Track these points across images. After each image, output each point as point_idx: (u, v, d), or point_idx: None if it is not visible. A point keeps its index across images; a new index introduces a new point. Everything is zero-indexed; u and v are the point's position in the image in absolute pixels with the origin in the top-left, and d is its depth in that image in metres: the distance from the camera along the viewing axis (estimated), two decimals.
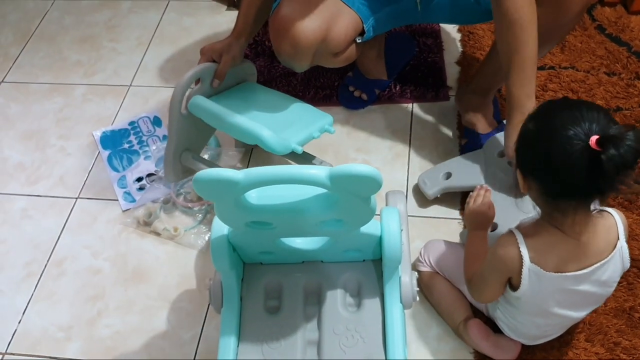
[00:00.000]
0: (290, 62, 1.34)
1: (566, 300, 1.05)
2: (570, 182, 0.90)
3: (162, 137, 1.70)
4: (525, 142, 0.96)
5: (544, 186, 0.95)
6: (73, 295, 1.42)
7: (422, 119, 1.66)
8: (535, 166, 0.94)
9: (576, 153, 0.86)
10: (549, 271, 0.99)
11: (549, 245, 0.99)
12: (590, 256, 1.00)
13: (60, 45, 2.03)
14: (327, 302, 1.12)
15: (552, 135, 0.89)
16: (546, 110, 0.95)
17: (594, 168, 0.85)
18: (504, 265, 1.03)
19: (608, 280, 1.04)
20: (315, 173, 0.84)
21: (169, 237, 1.48)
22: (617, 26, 1.81)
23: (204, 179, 0.83)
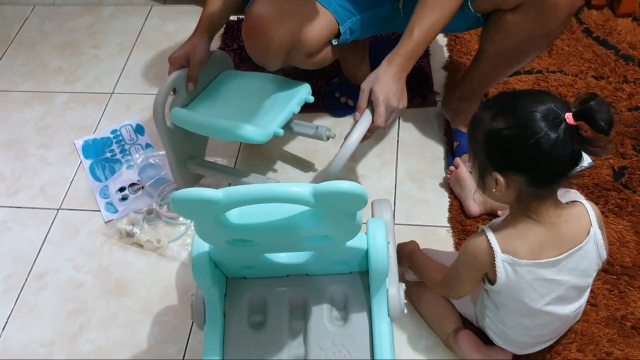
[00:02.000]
0: (262, 60, 1.32)
1: (548, 293, 1.03)
2: (559, 163, 0.92)
3: (144, 146, 1.67)
4: (500, 143, 0.94)
5: (530, 177, 0.95)
6: (54, 309, 1.39)
7: (409, 125, 1.64)
8: (519, 162, 0.94)
9: (560, 134, 0.89)
10: (523, 259, 0.99)
11: (520, 233, 1.00)
12: (565, 242, 1.00)
13: (41, 51, 1.99)
14: (313, 316, 1.10)
15: (530, 126, 0.90)
16: (506, 106, 0.95)
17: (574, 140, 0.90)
18: (476, 260, 1.03)
19: (587, 269, 1.04)
20: (298, 191, 0.81)
21: (152, 249, 1.45)
22: (604, 29, 1.80)
23: (182, 198, 0.80)
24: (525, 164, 0.94)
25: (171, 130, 1.37)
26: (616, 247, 1.33)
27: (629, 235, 1.36)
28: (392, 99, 1.21)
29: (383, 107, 1.21)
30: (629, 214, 1.39)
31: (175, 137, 1.39)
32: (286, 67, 1.40)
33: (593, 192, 1.43)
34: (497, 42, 1.32)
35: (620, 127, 1.56)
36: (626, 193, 1.43)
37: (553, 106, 0.90)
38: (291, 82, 1.41)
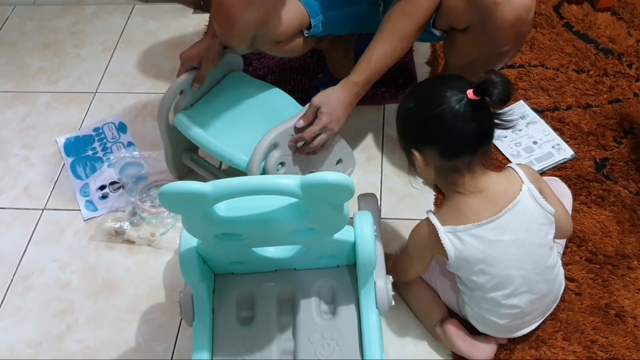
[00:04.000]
0: (227, 41, 1.31)
1: (503, 256, 1.06)
2: (464, 134, 0.99)
3: (126, 144, 1.66)
4: (411, 119, 1.04)
5: (441, 149, 1.02)
6: (41, 310, 1.38)
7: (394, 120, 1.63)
8: (428, 134, 1.02)
9: (462, 107, 0.97)
10: (462, 226, 1.04)
11: (453, 207, 1.06)
12: (497, 202, 1.05)
13: (22, 52, 1.97)
14: (302, 310, 1.10)
15: (435, 101, 0.99)
16: (417, 88, 1.08)
17: (479, 114, 0.97)
18: (421, 239, 1.10)
19: (531, 224, 1.06)
20: (285, 183, 0.82)
21: (147, 243, 1.45)
22: (584, 23, 1.82)
23: (170, 192, 0.80)
24: (433, 136, 1.01)
25: (172, 128, 1.39)
26: (599, 237, 1.35)
27: (611, 225, 1.37)
28: (333, 123, 1.27)
29: (320, 126, 1.26)
30: (611, 204, 1.41)
31: (173, 133, 1.41)
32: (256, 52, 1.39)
33: (576, 183, 1.45)
34: (454, 57, 1.37)
35: (602, 119, 1.58)
36: (608, 184, 1.45)
37: (457, 85, 0.98)
38: (293, 103, 1.40)
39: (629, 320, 1.24)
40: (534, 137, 1.55)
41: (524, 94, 1.66)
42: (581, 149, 1.52)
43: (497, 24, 1.19)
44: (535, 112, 1.61)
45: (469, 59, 1.32)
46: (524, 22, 1.19)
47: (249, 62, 1.80)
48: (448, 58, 1.40)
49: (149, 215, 1.48)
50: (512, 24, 1.19)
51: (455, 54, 1.35)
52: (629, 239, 1.35)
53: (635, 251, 1.33)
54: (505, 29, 1.19)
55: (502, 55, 1.30)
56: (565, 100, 1.63)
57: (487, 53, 1.27)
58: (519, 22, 1.19)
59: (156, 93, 1.79)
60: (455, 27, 1.29)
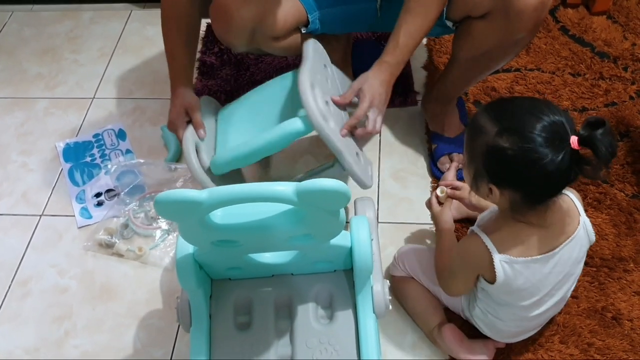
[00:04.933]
0: (226, 39, 1.32)
1: (545, 286, 1.05)
2: (557, 184, 0.93)
3: (124, 151, 1.66)
4: (503, 161, 0.93)
5: (526, 196, 0.95)
6: (39, 315, 1.38)
7: (391, 125, 1.66)
8: (518, 180, 0.94)
9: (563, 160, 0.89)
10: (519, 257, 1.01)
11: (514, 237, 1.01)
12: (558, 237, 1.02)
13: (20, 57, 1.98)
14: (299, 315, 1.11)
15: (535, 149, 0.89)
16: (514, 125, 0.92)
17: (576, 164, 0.89)
18: (472, 263, 1.05)
19: (579, 257, 1.07)
20: (281, 190, 0.82)
21: (134, 258, 1.44)
22: (580, 27, 1.82)
23: (166, 200, 0.81)
24: (524, 184, 0.94)
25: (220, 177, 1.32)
26: (595, 240, 1.35)
27: (607, 228, 1.38)
28: (377, 100, 1.25)
29: (367, 103, 1.23)
30: (607, 207, 1.41)
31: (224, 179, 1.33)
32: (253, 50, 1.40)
33: (572, 186, 1.45)
34: (467, 49, 1.35)
35: None
36: (604, 187, 1.45)
37: (560, 128, 0.89)
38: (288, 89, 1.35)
39: (626, 323, 1.24)
40: None
41: None
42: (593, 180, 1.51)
43: (520, 9, 1.18)
44: None
45: (484, 49, 1.30)
46: (545, 6, 1.19)
47: (247, 67, 1.80)
48: (459, 50, 1.37)
49: (140, 229, 1.48)
50: (534, 8, 1.18)
51: (468, 45, 1.33)
52: (625, 242, 1.36)
53: (632, 254, 1.34)
54: (528, 13, 1.19)
55: (517, 44, 1.29)
56: (561, 103, 1.64)
57: (503, 41, 1.26)
58: (541, 5, 1.18)
59: (154, 98, 1.80)
60: (471, 15, 1.27)
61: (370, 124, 1.25)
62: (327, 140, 1.16)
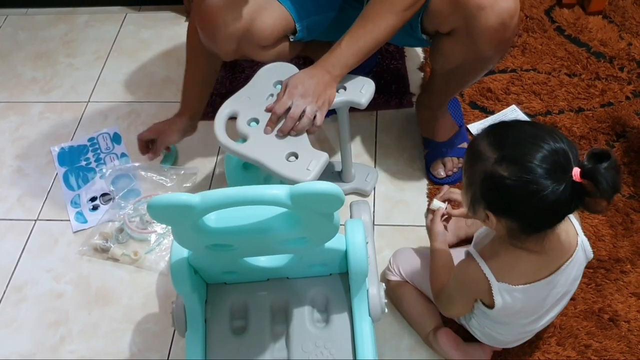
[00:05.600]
0: (212, 47, 1.32)
1: (544, 306, 1.05)
2: (556, 216, 0.90)
3: (119, 155, 1.66)
4: (501, 190, 0.89)
5: (524, 225, 0.92)
6: (34, 321, 1.37)
7: (387, 127, 1.65)
8: (516, 210, 0.91)
9: (564, 191, 0.85)
10: (518, 285, 0.99)
11: (512, 264, 0.99)
12: (557, 260, 1.00)
13: (14, 62, 1.97)
14: (295, 319, 1.10)
15: (536, 182, 0.85)
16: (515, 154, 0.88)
17: (578, 195, 0.85)
18: (469, 289, 1.04)
19: (577, 275, 1.06)
20: (275, 193, 0.82)
21: (129, 262, 1.44)
22: (575, 27, 1.82)
23: (158, 204, 0.80)
24: (522, 214, 0.91)
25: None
26: (592, 242, 1.34)
27: (604, 229, 1.37)
28: (298, 87, 1.19)
29: (286, 95, 1.19)
30: None
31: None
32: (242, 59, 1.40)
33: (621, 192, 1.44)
34: (440, 63, 1.36)
35: (594, 123, 1.58)
36: None
37: (562, 158, 0.86)
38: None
39: (623, 324, 1.24)
40: None
41: (517, 99, 1.66)
42: None
43: (481, 28, 1.19)
44: (527, 116, 1.61)
45: (454, 64, 1.32)
46: (507, 27, 1.19)
47: (242, 69, 1.80)
48: (434, 63, 1.40)
49: (135, 233, 1.47)
50: (495, 29, 1.18)
51: (440, 59, 1.35)
52: (622, 243, 1.35)
53: (629, 255, 1.33)
54: (488, 34, 1.19)
55: (487, 61, 1.30)
56: (557, 104, 1.64)
57: (472, 58, 1.27)
58: (502, 27, 1.18)
59: (149, 101, 1.79)
60: (440, 31, 1.29)
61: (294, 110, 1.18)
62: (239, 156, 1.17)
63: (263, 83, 1.26)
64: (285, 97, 1.19)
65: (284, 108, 1.19)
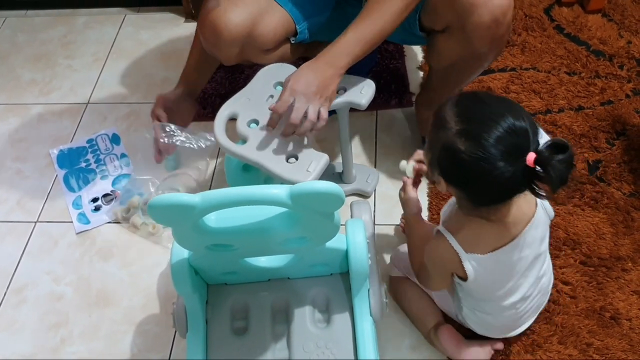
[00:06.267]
0: (215, 52, 1.32)
1: (518, 271, 1.06)
2: (504, 194, 0.93)
3: (119, 155, 1.65)
4: (455, 161, 0.91)
5: (473, 198, 0.95)
6: (35, 323, 1.37)
7: (387, 126, 1.65)
8: (467, 183, 0.93)
9: (515, 173, 0.86)
10: (486, 254, 1.01)
11: (476, 234, 1.01)
12: (519, 223, 1.01)
13: (13, 64, 1.97)
14: (296, 319, 1.10)
15: (490, 158, 0.86)
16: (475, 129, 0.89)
17: (530, 179, 0.87)
18: (444, 265, 1.06)
19: (543, 235, 1.07)
20: (275, 193, 0.82)
21: (146, 235, 1.45)
22: (575, 26, 1.82)
23: (159, 205, 0.80)
24: (472, 189, 0.94)
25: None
26: (593, 240, 1.35)
27: (605, 227, 1.37)
28: (301, 84, 1.15)
29: (287, 91, 1.15)
30: (605, 206, 1.41)
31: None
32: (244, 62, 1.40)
33: (569, 185, 1.44)
34: (435, 60, 1.37)
35: (594, 121, 1.58)
36: (601, 186, 1.45)
37: (521, 140, 0.87)
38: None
39: (624, 322, 1.23)
40: None
41: (516, 97, 1.66)
42: (574, 151, 1.52)
43: (474, 25, 1.19)
44: None
45: (449, 62, 1.32)
46: (501, 24, 1.20)
47: (241, 70, 1.80)
48: (430, 61, 1.40)
49: None
50: (488, 26, 1.19)
51: (436, 57, 1.35)
52: (622, 241, 1.35)
53: (630, 253, 1.33)
54: (481, 31, 1.20)
55: (481, 58, 1.29)
56: (557, 102, 1.64)
57: (466, 55, 1.26)
58: (495, 24, 1.19)
59: (148, 103, 1.79)
60: (435, 29, 1.29)
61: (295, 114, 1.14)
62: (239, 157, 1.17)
63: (263, 84, 1.26)
64: (287, 95, 1.15)
65: (285, 106, 1.15)
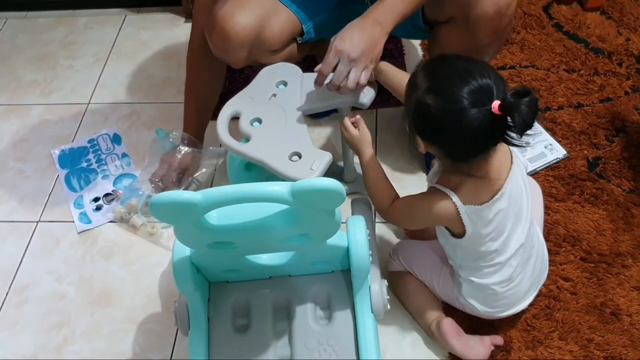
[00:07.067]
0: (224, 57, 1.33)
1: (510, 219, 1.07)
2: (477, 145, 0.97)
3: (120, 155, 1.66)
4: (427, 117, 0.96)
5: (449, 152, 1.00)
6: (37, 322, 1.37)
7: (387, 125, 1.66)
8: (440, 137, 0.98)
9: (483, 122, 0.91)
10: (482, 204, 1.04)
11: (470, 191, 1.04)
12: (502, 171, 1.05)
13: (15, 65, 1.98)
14: (297, 316, 1.10)
15: (457, 107, 0.92)
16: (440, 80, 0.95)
17: (498, 128, 0.91)
18: (440, 218, 1.07)
19: (524, 178, 1.10)
20: (276, 190, 0.82)
21: (146, 235, 1.46)
22: (573, 23, 1.83)
23: (161, 202, 0.80)
24: (445, 142, 0.98)
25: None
26: (593, 236, 1.36)
27: (605, 223, 1.38)
28: (346, 45, 1.12)
29: (332, 52, 1.13)
30: (605, 202, 1.41)
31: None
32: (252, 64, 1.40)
33: (569, 182, 1.45)
34: (436, 53, 1.37)
35: (593, 118, 1.59)
36: (601, 183, 1.45)
37: (484, 89, 0.91)
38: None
39: (625, 318, 1.24)
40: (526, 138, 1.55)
41: None
42: (573, 148, 1.53)
43: (477, 16, 1.20)
44: None
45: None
46: (504, 15, 1.21)
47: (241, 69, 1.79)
48: (432, 54, 1.41)
49: None
50: (491, 17, 1.20)
51: (437, 50, 1.36)
52: (622, 237, 1.35)
53: (630, 249, 1.34)
54: (484, 22, 1.21)
55: (483, 51, 1.30)
56: (556, 100, 1.64)
57: (468, 47, 1.27)
58: (498, 15, 1.20)
59: (149, 102, 1.80)
60: (438, 20, 1.30)
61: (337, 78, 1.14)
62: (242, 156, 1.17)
63: (265, 83, 1.27)
64: (331, 56, 1.13)
65: (330, 69, 1.13)
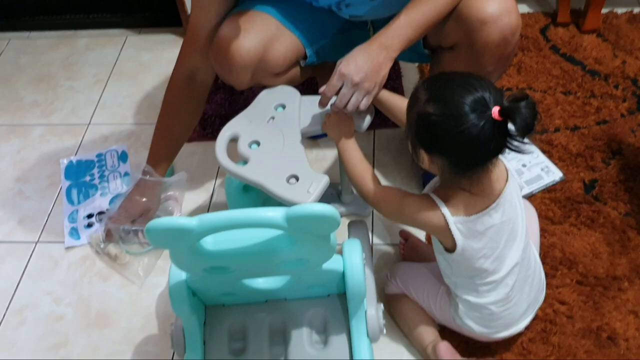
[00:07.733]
0: (228, 78, 1.34)
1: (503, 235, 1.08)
2: (480, 153, 0.98)
3: (122, 174, 1.67)
4: (429, 126, 0.98)
5: (452, 162, 1.00)
6: (35, 344, 1.37)
7: (385, 146, 1.66)
8: (443, 147, 0.99)
9: (484, 127, 0.92)
10: (471, 215, 1.04)
11: (461, 204, 1.05)
12: (496, 190, 1.06)
13: (16, 85, 1.99)
14: (293, 340, 1.10)
15: (458, 115, 0.93)
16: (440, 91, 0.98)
17: (500, 134, 0.93)
18: (427, 225, 1.08)
19: (518, 195, 1.11)
20: (271, 216, 0.83)
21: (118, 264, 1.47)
22: (570, 46, 1.84)
23: (156, 228, 0.81)
24: (448, 150, 0.99)
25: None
26: (589, 259, 1.36)
27: (601, 246, 1.38)
28: (350, 68, 1.14)
29: (336, 75, 1.16)
30: (601, 225, 1.42)
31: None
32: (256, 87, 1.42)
33: (565, 205, 1.46)
34: None
35: (590, 140, 1.59)
36: (597, 205, 1.46)
37: (484, 97, 0.93)
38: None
39: (621, 342, 1.24)
40: (522, 160, 1.56)
41: None
42: (570, 170, 1.53)
43: (483, 43, 1.21)
44: None
45: None
46: (509, 43, 1.22)
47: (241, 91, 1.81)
48: None
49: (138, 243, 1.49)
50: (496, 45, 1.21)
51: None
52: (619, 261, 1.36)
53: (626, 272, 1.34)
54: (490, 49, 1.22)
55: (487, 76, 1.30)
56: (553, 122, 1.65)
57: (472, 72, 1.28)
58: (504, 42, 1.21)
59: (149, 124, 1.80)
60: (442, 46, 1.31)
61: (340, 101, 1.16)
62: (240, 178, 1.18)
63: (264, 106, 1.28)
64: (335, 79, 1.15)
65: (333, 91, 1.16)
